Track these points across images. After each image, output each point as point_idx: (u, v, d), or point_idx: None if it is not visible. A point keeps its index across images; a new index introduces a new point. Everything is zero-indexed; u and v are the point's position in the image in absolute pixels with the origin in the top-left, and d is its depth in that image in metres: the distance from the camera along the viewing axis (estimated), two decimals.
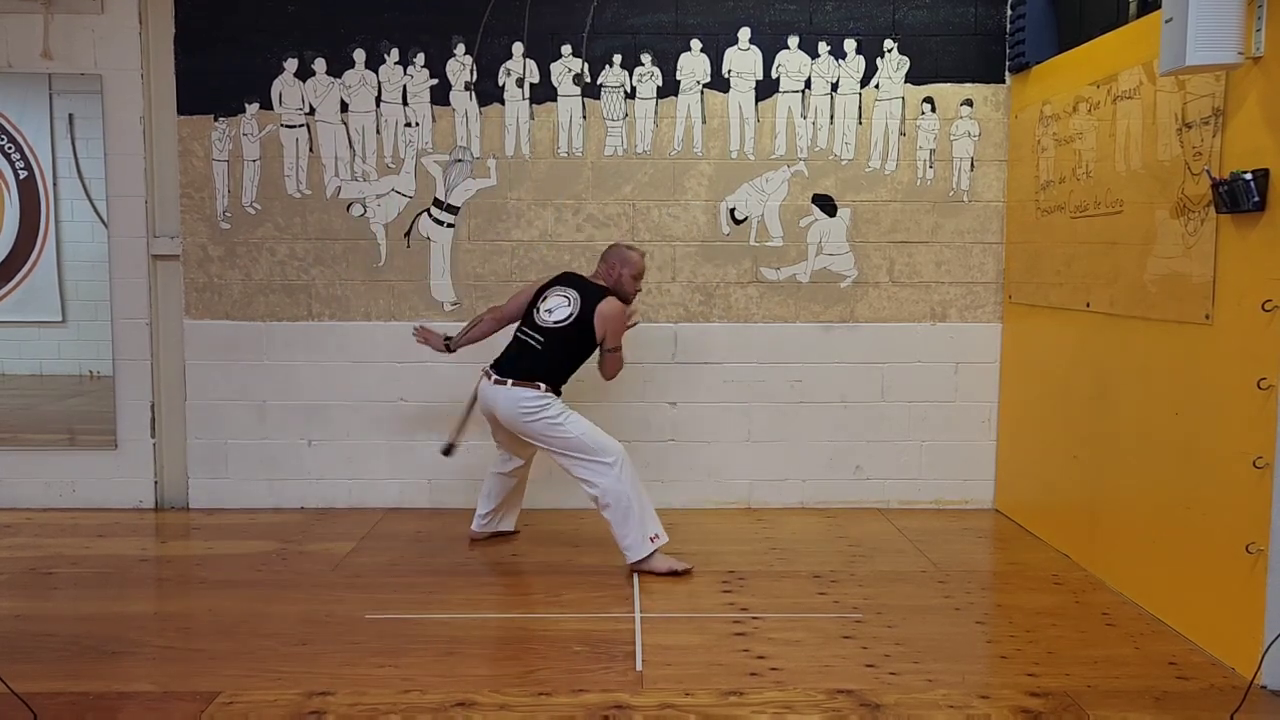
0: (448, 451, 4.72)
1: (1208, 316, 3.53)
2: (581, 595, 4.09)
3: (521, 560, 4.55)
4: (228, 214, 5.29)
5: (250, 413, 5.37)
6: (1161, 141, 3.81)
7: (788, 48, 5.27)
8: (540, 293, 4.53)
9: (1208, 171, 3.47)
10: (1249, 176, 3.24)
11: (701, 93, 5.27)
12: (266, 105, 5.25)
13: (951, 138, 5.31)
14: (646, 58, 5.25)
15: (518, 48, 5.24)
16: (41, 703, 3.07)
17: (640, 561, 4.27)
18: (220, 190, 5.28)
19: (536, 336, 4.40)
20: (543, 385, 4.30)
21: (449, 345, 4.70)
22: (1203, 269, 3.55)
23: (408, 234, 5.30)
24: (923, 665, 3.41)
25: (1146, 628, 3.76)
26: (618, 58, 5.25)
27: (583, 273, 4.73)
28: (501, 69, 5.25)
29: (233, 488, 5.39)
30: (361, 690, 3.20)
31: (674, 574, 4.28)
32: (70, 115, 5.32)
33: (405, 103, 5.26)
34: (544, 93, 5.26)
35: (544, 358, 4.36)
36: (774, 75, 5.27)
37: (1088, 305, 4.39)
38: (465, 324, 4.81)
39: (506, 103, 5.26)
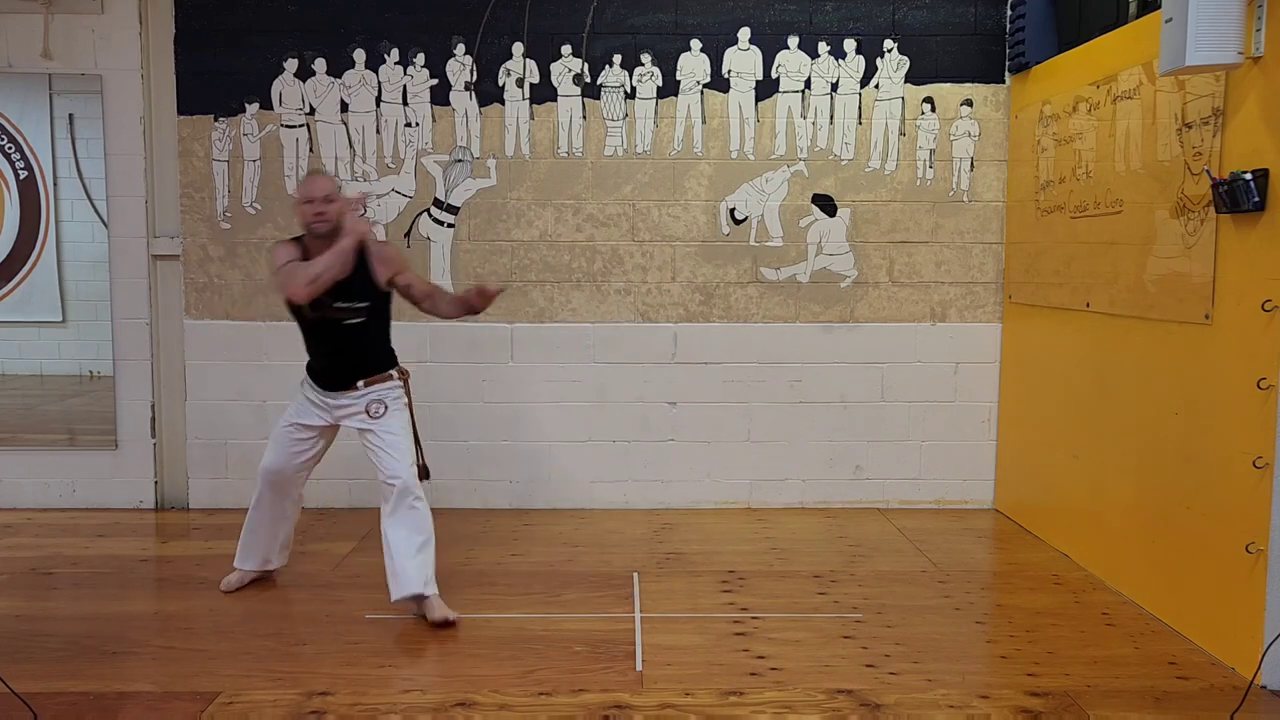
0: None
1: (1207, 316, 3.53)
2: (581, 595, 4.09)
3: (521, 560, 4.55)
4: (228, 214, 5.29)
5: (250, 413, 5.37)
6: (1161, 141, 3.81)
7: (788, 48, 5.27)
8: None
9: (1207, 171, 3.47)
10: (1249, 176, 3.24)
11: (701, 93, 5.27)
12: (266, 105, 5.25)
13: (951, 138, 5.31)
14: (646, 58, 5.25)
15: (518, 48, 5.24)
16: (41, 703, 3.07)
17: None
18: (220, 190, 5.28)
19: None
20: None
21: None
22: (1202, 269, 3.55)
23: (408, 234, 5.30)
24: (923, 665, 3.41)
25: (1146, 628, 3.76)
26: (618, 58, 5.25)
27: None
28: (501, 69, 5.25)
29: (233, 488, 5.38)
30: (361, 690, 3.20)
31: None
32: (70, 115, 5.32)
33: (405, 103, 5.26)
34: (544, 93, 5.26)
35: None
36: (774, 75, 5.27)
37: (1088, 305, 4.39)
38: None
39: (506, 103, 5.26)
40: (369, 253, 3.79)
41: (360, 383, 3.87)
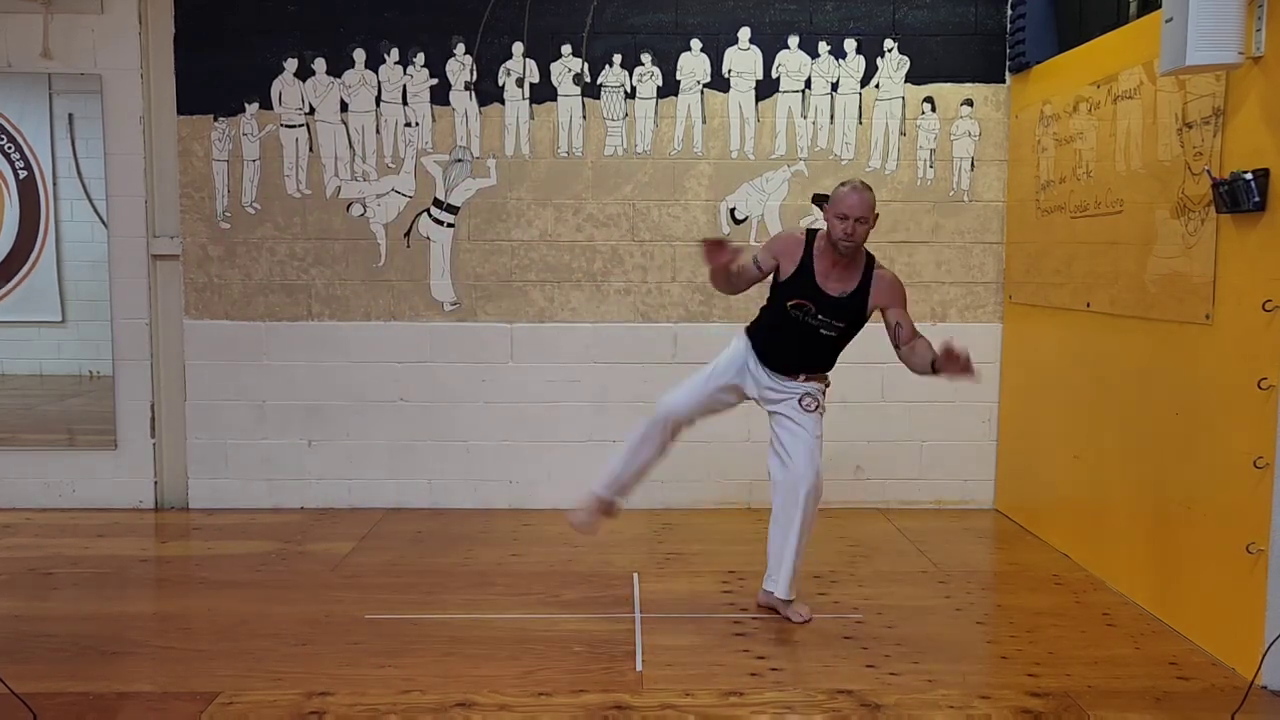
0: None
1: (1208, 316, 3.53)
2: (581, 595, 4.09)
3: (521, 560, 4.55)
4: (227, 214, 5.29)
5: (250, 413, 5.36)
6: (1162, 141, 3.81)
7: (788, 47, 5.26)
8: None
9: (1208, 171, 3.46)
10: (1249, 176, 3.24)
11: (701, 92, 5.27)
12: (266, 105, 5.25)
13: (952, 137, 5.31)
14: (646, 57, 5.25)
15: (518, 47, 5.24)
16: (41, 703, 3.07)
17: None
18: (220, 190, 5.28)
19: None
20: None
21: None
22: (1203, 269, 3.55)
23: (407, 234, 5.30)
24: (923, 665, 3.41)
25: (1147, 628, 3.75)
26: (618, 57, 5.25)
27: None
28: (501, 69, 5.25)
29: (233, 488, 5.38)
30: (361, 690, 3.20)
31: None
32: (70, 115, 5.32)
33: (405, 102, 5.26)
34: (544, 93, 5.26)
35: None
36: (774, 75, 5.27)
37: (1088, 305, 4.38)
38: None
39: (506, 103, 5.25)
40: (874, 280, 3.74)
41: (802, 375, 3.88)
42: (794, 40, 5.26)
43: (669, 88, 5.26)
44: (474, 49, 5.24)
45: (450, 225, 5.30)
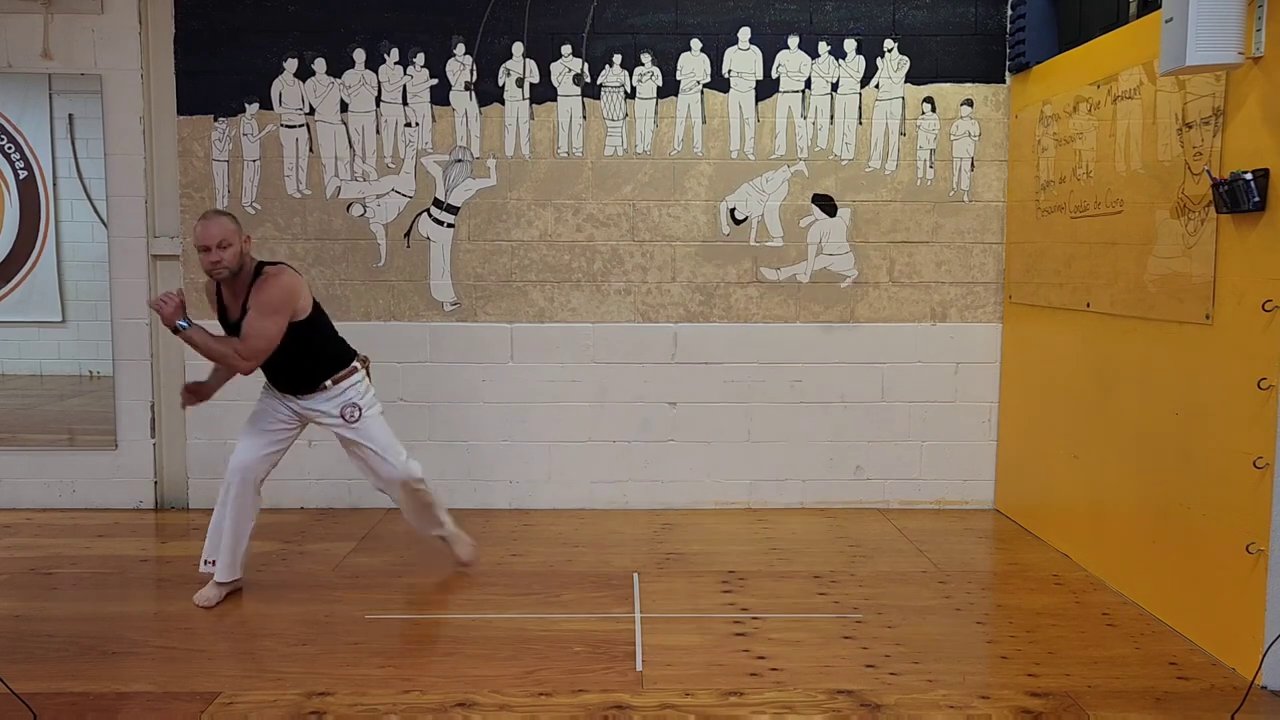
0: None
1: (1208, 316, 3.53)
2: (581, 595, 4.09)
3: (521, 560, 4.55)
4: None
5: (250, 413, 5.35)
6: (1161, 141, 3.81)
7: (788, 47, 5.27)
8: None
9: (1208, 171, 3.47)
10: (1249, 176, 3.24)
11: (701, 93, 5.27)
12: (266, 105, 5.25)
13: (952, 138, 5.31)
14: (646, 58, 5.25)
15: (518, 48, 5.24)
16: (41, 703, 3.07)
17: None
18: (220, 190, 5.28)
19: None
20: None
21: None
22: (1203, 269, 3.55)
23: (408, 234, 5.30)
24: (923, 665, 3.41)
25: (1147, 628, 3.76)
26: (618, 58, 5.25)
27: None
28: (501, 69, 5.25)
29: None
30: (361, 690, 3.20)
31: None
32: (70, 115, 5.32)
33: (405, 103, 5.26)
34: (544, 93, 5.26)
35: None
36: (774, 75, 5.27)
37: (1088, 305, 4.39)
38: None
39: (506, 103, 5.26)
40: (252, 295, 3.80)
41: (328, 382, 3.99)
42: (794, 40, 5.26)
43: (669, 88, 5.26)
44: (474, 49, 5.24)
45: (450, 225, 5.30)
